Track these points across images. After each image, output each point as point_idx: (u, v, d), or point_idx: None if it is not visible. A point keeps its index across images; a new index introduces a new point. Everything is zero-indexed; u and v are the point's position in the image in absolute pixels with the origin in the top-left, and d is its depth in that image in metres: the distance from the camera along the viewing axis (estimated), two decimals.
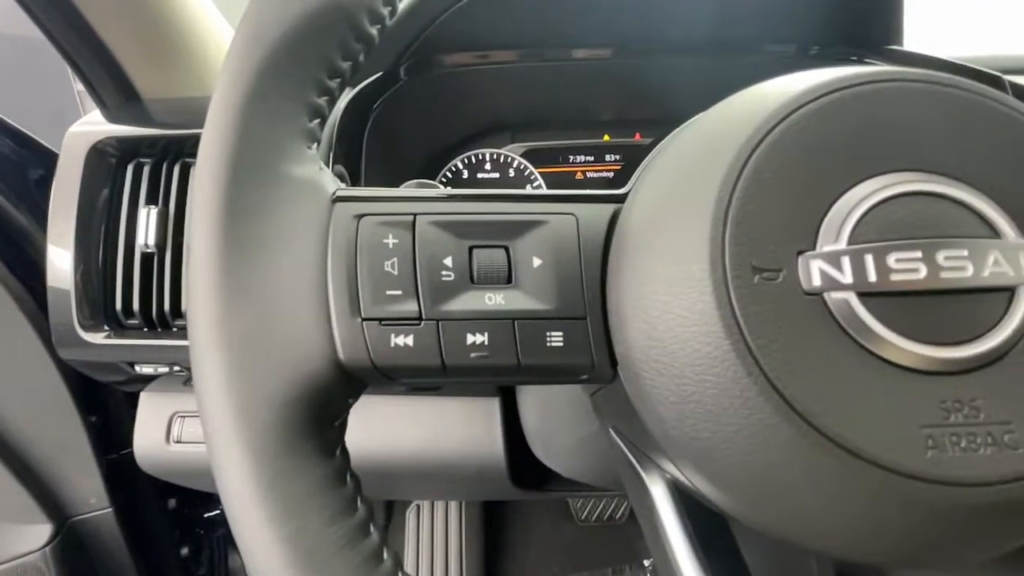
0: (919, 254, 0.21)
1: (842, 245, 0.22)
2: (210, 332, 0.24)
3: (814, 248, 0.22)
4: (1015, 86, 0.55)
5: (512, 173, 0.70)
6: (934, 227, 0.22)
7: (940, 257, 0.21)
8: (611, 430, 0.35)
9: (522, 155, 0.71)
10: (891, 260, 0.21)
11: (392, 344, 0.26)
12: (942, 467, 0.20)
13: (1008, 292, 0.21)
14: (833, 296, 0.21)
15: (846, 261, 0.21)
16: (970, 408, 0.20)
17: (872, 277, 0.21)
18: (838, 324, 0.21)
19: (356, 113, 0.57)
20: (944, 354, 0.21)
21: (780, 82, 0.25)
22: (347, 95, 0.56)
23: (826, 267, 0.21)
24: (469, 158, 0.70)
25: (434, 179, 0.69)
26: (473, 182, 0.71)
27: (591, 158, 0.72)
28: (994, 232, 0.22)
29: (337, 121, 0.54)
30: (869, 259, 0.21)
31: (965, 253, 0.21)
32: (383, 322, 0.26)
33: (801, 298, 0.21)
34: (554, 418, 0.54)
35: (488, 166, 0.70)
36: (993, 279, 0.21)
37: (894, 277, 0.21)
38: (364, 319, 0.26)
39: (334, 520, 0.24)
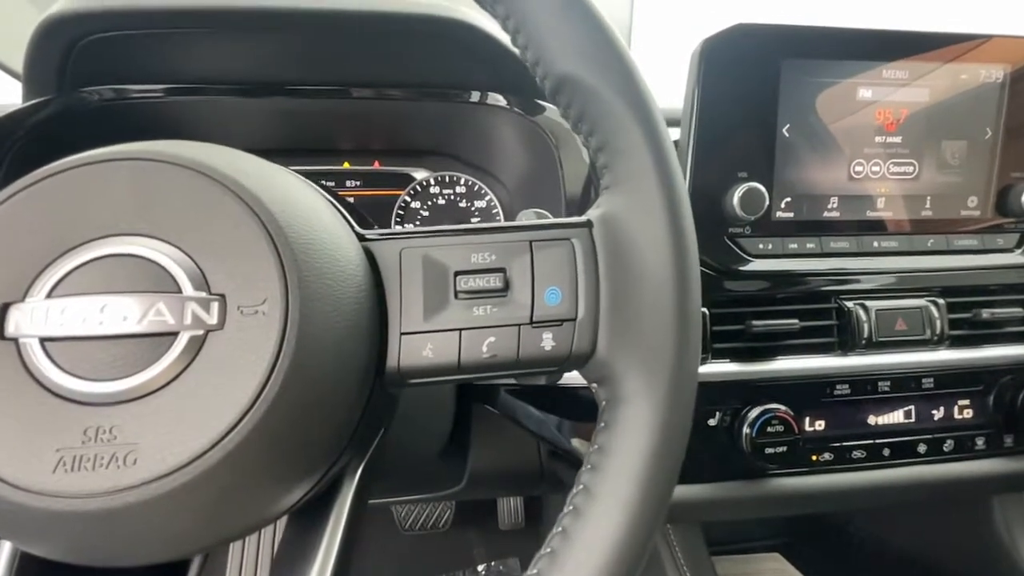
0: (91, 306, 0.25)
1: (39, 300, 0.26)
2: None
3: (22, 301, 0.26)
4: None
5: None
6: (115, 283, 0.26)
7: (108, 309, 0.25)
8: None
9: None
10: (68, 312, 0.25)
11: None
12: (63, 483, 0.24)
13: (172, 336, 0.25)
14: (23, 341, 0.25)
15: (36, 312, 0.25)
16: (108, 434, 0.24)
17: (52, 325, 0.25)
18: (23, 365, 0.25)
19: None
20: (96, 389, 0.25)
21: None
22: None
23: (21, 317, 0.25)
24: None
25: None
26: None
27: (332, 183, 0.75)
28: (176, 286, 0.26)
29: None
30: (52, 311, 0.25)
31: (132, 304, 0.25)
32: None
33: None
34: None
35: None
36: (152, 327, 0.25)
37: (68, 326, 0.25)
38: None
39: None
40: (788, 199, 0.58)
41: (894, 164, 0.59)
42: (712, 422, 0.56)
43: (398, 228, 0.34)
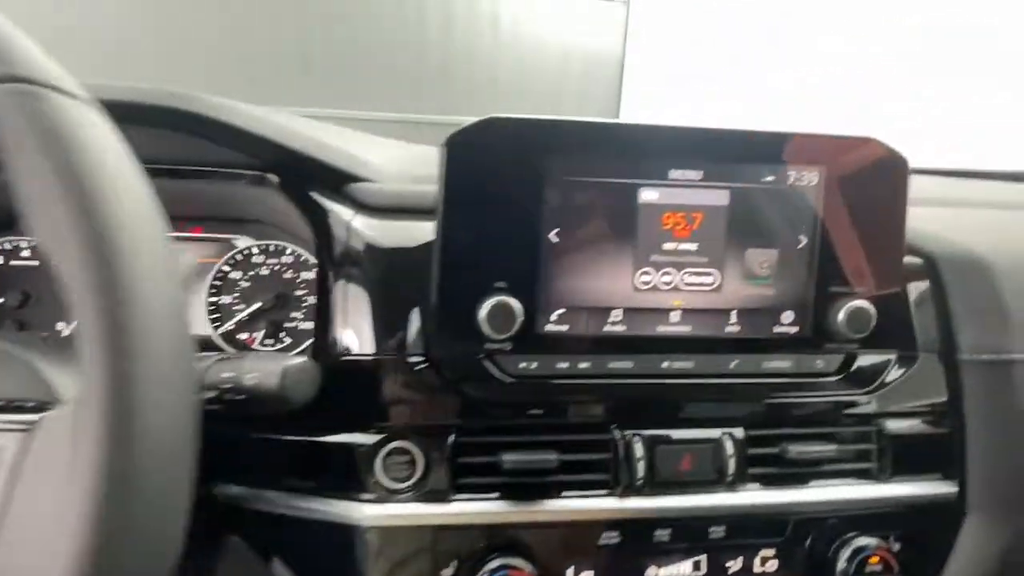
0: None
1: None
2: None
3: None
4: None
5: None
6: None
7: None
8: None
9: None
10: None
11: None
12: None
13: None
14: None
15: None
16: None
17: None
18: None
19: None
20: None
21: None
22: None
23: None
24: None
25: None
26: None
27: None
28: None
29: None
30: None
31: None
32: None
33: None
34: None
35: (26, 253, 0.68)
36: None
37: None
38: None
39: None
40: (561, 311, 0.50)
41: (689, 274, 0.51)
42: (447, 573, 0.48)
43: None
